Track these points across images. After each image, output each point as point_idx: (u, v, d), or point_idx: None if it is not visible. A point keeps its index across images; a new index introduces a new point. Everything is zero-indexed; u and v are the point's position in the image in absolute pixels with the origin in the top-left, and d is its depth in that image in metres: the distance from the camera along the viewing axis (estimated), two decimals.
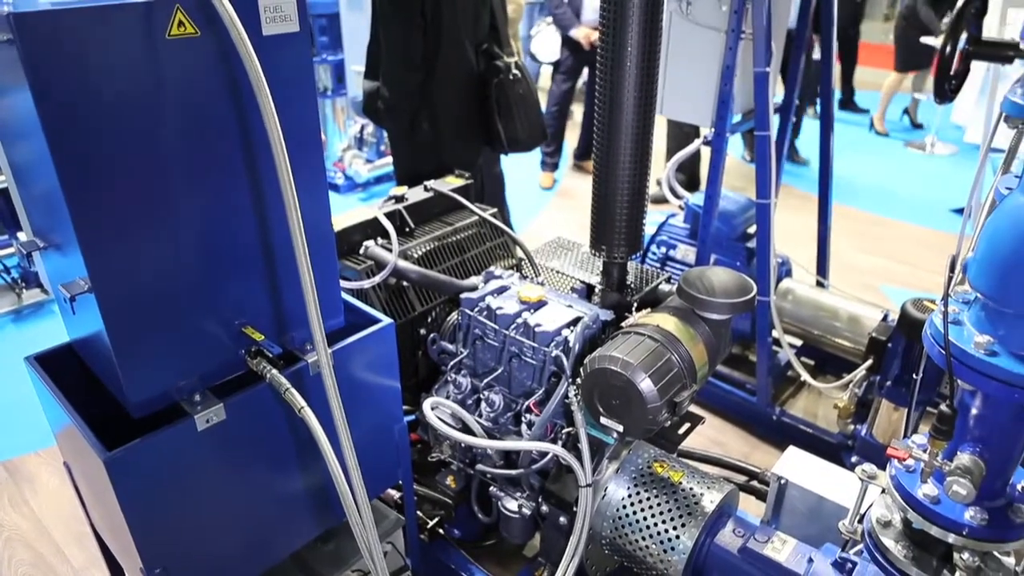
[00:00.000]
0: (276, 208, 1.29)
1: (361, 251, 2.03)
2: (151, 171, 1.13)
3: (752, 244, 2.90)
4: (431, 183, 2.37)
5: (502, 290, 1.95)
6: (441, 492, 2.08)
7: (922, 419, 2.32)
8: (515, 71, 2.92)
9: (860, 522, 1.44)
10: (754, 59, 2.30)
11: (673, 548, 1.64)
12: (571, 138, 6.22)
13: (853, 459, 2.52)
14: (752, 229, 2.95)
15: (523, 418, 1.85)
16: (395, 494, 2.08)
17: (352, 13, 5.23)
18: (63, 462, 1.61)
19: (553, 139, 5.61)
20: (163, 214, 1.17)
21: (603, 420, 1.62)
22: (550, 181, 5.73)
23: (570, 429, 1.76)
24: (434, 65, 2.80)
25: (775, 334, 2.70)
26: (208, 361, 1.32)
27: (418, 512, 2.07)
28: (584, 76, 5.88)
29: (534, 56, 5.90)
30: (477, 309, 1.90)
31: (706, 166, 2.58)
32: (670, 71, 2.53)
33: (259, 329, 1.36)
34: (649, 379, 1.51)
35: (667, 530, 1.65)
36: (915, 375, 2.21)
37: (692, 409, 1.91)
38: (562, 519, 1.80)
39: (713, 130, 2.47)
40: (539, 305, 1.86)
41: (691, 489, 1.70)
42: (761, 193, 2.48)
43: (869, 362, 2.53)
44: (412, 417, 1.99)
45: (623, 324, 1.74)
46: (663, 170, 3.05)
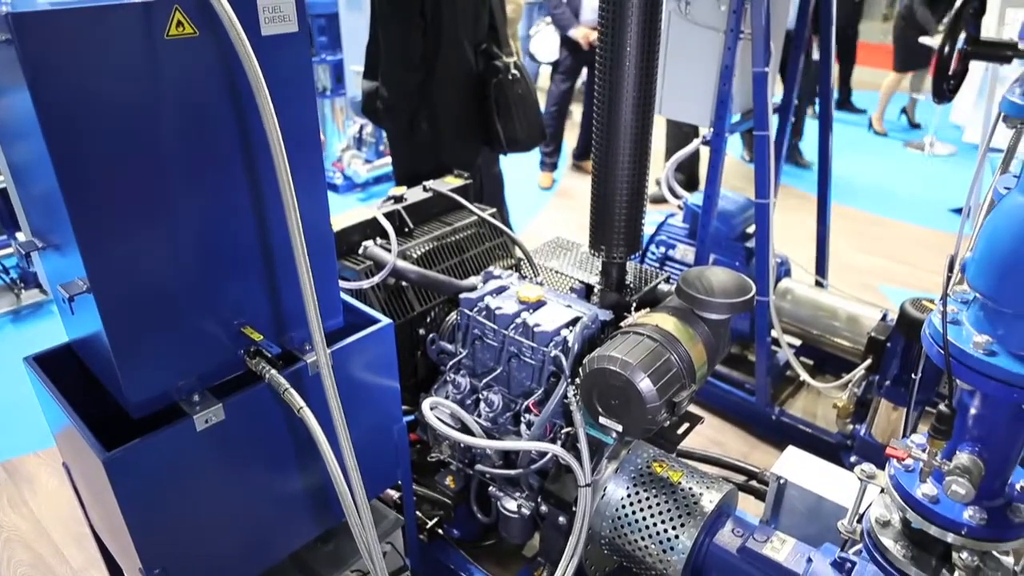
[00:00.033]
0: (275, 208, 1.29)
1: (360, 251, 2.03)
2: (150, 171, 1.13)
3: (751, 244, 2.90)
4: (430, 183, 2.37)
5: (501, 290, 1.95)
6: (440, 492, 2.07)
7: (921, 419, 2.32)
8: (514, 71, 2.92)
9: (859, 522, 1.44)
10: (753, 59, 2.30)
11: (672, 548, 1.64)
12: (570, 138, 6.22)
13: (852, 459, 2.52)
14: (751, 229, 2.95)
15: (522, 418, 1.85)
16: (394, 494, 2.08)
17: (351, 13, 5.22)
18: (62, 463, 1.61)
19: (552, 139, 5.60)
20: (162, 214, 1.17)
21: (602, 420, 1.62)
22: (549, 181, 5.73)
23: (569, 429, 1.76)
24: (433, 65, 2.80)
25: (774, 334, 2.70)
26: (207, 361, 1.32)
27: (417, 512, 2.07)
28: (583, 76, 5.88)
29: (533, 56, 5.90)
30: (476, 309, 1.90)
31: (705, 166, 2.58)
32: (669, 71, 2.53)
33: (258, 329, 1.36)
34: (648, 379, 1.51)
35: (666, 530, 1.65)
36: (914, 375, 2.21)
37: (691, 409, 1.91)
38: (561, 519, 1.80)
39: (712, 130, 2.47)
40: (538, 305, 1.86)
41: (690, 489, 1.70)
42: (760, 193, 2.48)
43: (868, 362, 2.53)
44: (411, 417, 1.99)
45: (622, 324, 1.74)
46: (662, 170, 3.05)
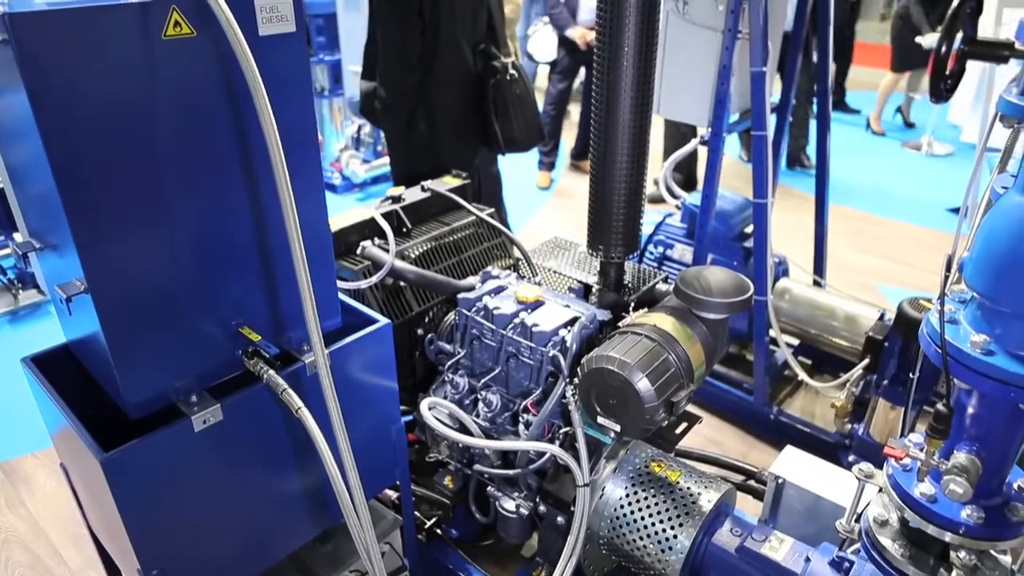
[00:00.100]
0: (273, 209, 1.29)
1: (358, 251, 2.03)
2: (147, 172, 1.13)
3: (749, 244, 2.90)
4: (428, 183, 2.37)
5: (499, 290, 1.95)
6: (439, 492, 2.07)
7: (919, 418, 2.33)
8: (512, 71, 2.92)
9: (857, 521, 1.44)
10: (751, 59, 2.30)
11: (671, 547, 1.64)
12: (568, 138, 6.22)
13: (850, 458, 2.52)
14: (749, 229, 2.95)
15: (520, 418, 1.85)
16: (393, 494, 2.08)
17: (349, 13, 5.22)
18: (60, 463, 1.61)
19: (550, 139, 5.61)
20: (159, 214, 1.17)
21: (600, 420, 1.62)
22: (547, 181, 5.73)
23: (567, 429, 1.76)
24: (431, 65, 2.80)
25: (772, 333, 2.70)
26: (205, 362, 1.32)
27: (416, 512, 2.07)
28: (581, 76, 5.88)
29: (531, 56, 5.90)
30: (474, 309, 1.90)
31: (703, 166, 2.58)
32: (667, 71, 2.53)
33: (256, 329, 1.36)
34: (646, 379, 1.51)
35: (664, 529, 1.65)
36: (912, 374, 2.21)
37: (689, 408, 1.91)
38: (560, 519, 1.80)
39: (710, 130, 2.47)
40: (536, 305, 1.86)
41: (688, 488, 1.70)
42: (758, 193, 2.48)
43: (866, 361, 2.53)
44: (410, 417, 1.99)
45: (620, 324, 1.74)
46: (660, 170, 3.06)
